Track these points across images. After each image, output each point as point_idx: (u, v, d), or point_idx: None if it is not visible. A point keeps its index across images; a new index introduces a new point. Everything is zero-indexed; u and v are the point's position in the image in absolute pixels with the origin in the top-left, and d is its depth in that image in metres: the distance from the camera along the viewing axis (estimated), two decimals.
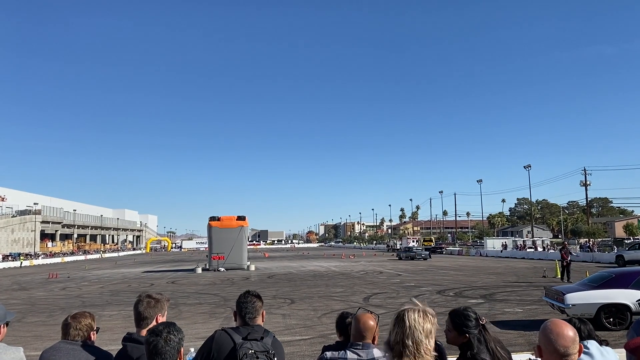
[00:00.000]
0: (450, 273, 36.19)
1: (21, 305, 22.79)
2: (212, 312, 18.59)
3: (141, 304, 3.27)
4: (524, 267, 41.27)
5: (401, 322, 2.14)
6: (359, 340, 3.23)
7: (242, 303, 3.39)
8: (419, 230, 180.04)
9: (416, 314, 2.16)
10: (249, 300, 3.40)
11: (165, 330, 2.61)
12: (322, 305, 19.45)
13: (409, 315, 2.15)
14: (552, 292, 14.46)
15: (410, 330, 2.11)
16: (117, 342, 3.43)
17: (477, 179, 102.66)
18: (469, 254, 75.34)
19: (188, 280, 35.79)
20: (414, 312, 2.16)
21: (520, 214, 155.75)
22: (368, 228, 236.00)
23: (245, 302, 3.39)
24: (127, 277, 41.81)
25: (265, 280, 33.44)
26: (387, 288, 26.00)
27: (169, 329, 2.63)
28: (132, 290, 29.30)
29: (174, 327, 2.66)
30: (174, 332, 2.63)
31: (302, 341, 12.58)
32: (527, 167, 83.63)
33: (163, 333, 2.59)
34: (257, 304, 3.41)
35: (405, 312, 2.17)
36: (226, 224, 46.96)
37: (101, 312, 18.82)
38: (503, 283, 27.58)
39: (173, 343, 2.59)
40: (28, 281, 40.17)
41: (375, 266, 47.47)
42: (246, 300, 3.40)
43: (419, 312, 2.17)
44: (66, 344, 3.33)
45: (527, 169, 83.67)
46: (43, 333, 15.03)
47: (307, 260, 66.88)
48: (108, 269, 57.63)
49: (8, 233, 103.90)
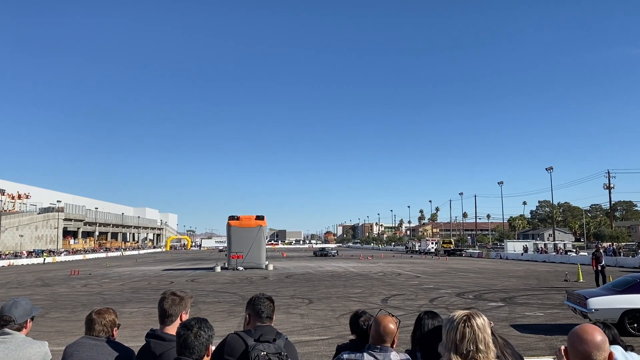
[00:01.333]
0: (469, 275, 35.86)
1: (44, 301, 23.19)
2: (230, 311, 18.70)
3: (166, 302, 3.30)
4: (545, 271, 40.70)
5: (469, 327, 2.15)
6: (378, 343, 3.19)
7: (255, 306, 3.36)
8: (438, 232, 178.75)
9: (480, 318, 2.20)
10: (262, 302, 3.37)
11: (196, 326, 2.68)
12: (340, 306, 19.43)
13: (477, 320, 2.18)
14: (574, 296, 14.21)
15: (482, 333, 2.15)
16: (138, 339, 3.47)
17: (498, 181, 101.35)
18: (489, 256, 74.55)
19: (207, 279, 36.06)
20: (478, 317, 2.20)
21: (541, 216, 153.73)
22: (386, 229, 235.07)
23: (258, 304, 3.36)
24: (147, 274, 42.27)
25: (283, 280, 33.51)
26: (406, 290, 25.86)
27: (200, 324, 2.71)
28: (152, 287, 29.60)
29: (205, 323, 2.74)
30: (204, 328, 2.71)
31: (320, 341, 12.57)
32: (549, 170, 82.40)
33: (194, 328, 2.67)
34: (270, 306, 3.39)
35: (471, 316, 2.18)
36: (245, 223, 47.22)
37: (122, 309, 19.04)
38: (524, 286, 27.23)
39: (202, 339, 2.67)
40: (51, 277, 40.87)
41: (394, 267, 47.26)
42: (259, 302, 3.37)
43: (478, 315, 2.21)
44: (89, 339, 3.37)
45: (549, 171, 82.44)
46: (66, 328, 15.26)
47: (325, 260, 66.88)
48: (129, 266, 58.36)
49: (32, 230, 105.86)
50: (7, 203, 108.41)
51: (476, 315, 2.19)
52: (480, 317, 2.19)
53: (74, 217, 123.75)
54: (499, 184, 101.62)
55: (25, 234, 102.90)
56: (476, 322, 2.16)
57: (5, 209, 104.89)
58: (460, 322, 2.17)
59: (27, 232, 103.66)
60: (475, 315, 2.19)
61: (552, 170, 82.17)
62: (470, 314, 2.19)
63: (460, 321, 2.17)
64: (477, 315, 2.20)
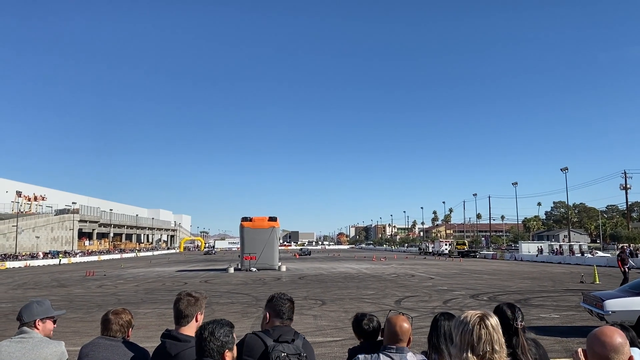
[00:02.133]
0: (484, 277, 35.60)
1: (60, 302, 23.44)
2: (244, 312, 18.76)
3: (182, 302, 3.31)
4: (560, 272, 40.28)
5: (484, 328, 2.14)
6: (393, 343, 3.16)
7: (276, 306, 3.33)
8: (452, 234, 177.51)
9: (494, 319, 2.19)
10: (284, 303, 3.34)
11: (217, 328, 2.70)
12: (353, 307, 19.40)
13: (491, 321, 2.17)
14: (590, 298, 14.04)
15: (497, 334, 2.15)
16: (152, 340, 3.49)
17: (513, 182, 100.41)
18: (503, 258, 73.97)
19: (220, 280, 36.21)
20: (491, 317, 2.19)
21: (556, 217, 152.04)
22: (399, 230, 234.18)
23: (279, 305, 3.33)
24: (161, 275, 42.56)
25: (296, 281, 33.54)
26: (419, 291, 25.74)
27: (220, 326, 2.72)
28: (167, 288, 29.79)
29: (227, 326, 2.75)
30: (225, 330, 2.72)
31: (333, 342, 12.55)
32: (564, 170, 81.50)
33: (215, 330, 2.68)
34: (291, 307, 3.38)
35: (484, 317, 2.17)
36: (258, 224, 47.34)
37: (136, 310, 19.18)
38: (539, 288, 26.97)
39: (222, 341, 2.68)
40: (66, 278, 41.32)
41: (407, 269, 47.08)
42: (279, 302, 3.35)
43: (491, 316, 2.20)
44: (104, 339, 3.40)
45: (564, 171, 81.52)
46: (81, 329, 15.41)
47: (337, 262, 66.84)
48: (143, 267, 58.81)
49: (48, 231, 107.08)
50: (24, 205, 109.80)
51: (489, 316, 2.19)
52: (493, 317, 2.19)
53: (89, 218, 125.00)
54: (513, 184, 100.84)
55: (42, 236, 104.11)
56: (490, 323, 2.15)
57: (22, 210, 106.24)
58: (475, 323, 2.15)
59: (43, 234, 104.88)
60: (488, 316, 2.19)
61: (567, 171, 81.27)
62: (483, 315, 2.18)
63: (475, 323, 2.15)
64: (489, 315, 2.19)
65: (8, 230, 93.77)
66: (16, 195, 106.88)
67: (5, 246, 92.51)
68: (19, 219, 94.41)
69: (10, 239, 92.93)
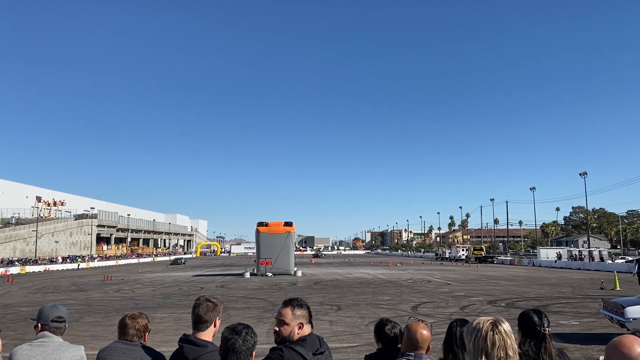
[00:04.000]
0: (501, 283, 35.22)
1: (79, 306, 23.71)
2: (260, 317, 18.78)
3: (201, 308, 3.32)
4: (579, 278, 39.69)
5: (498, 334, 2.13)
6: (411, 350, 3.13)
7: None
8: (469, 239, 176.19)
9: (506, 324, 2.18)
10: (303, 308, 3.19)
11: (244, 331, 2.74)
12: (369, 313, 19.31)
13: (504, 326, 2.15)
14: (610, 304, 13.80)
15: (510, 340, 2.13)
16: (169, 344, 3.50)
17: (531, 187, 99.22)
18: (521, 263, 73.11)
19: (237, 285, 36.32)
20: (504, 323, 2.18)
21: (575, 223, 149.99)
22: (416, 236, 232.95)
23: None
24: (178, 280, 42.82)
25: (312, 287, 33.50)
26: (436, 297, 25.54)
27: (247, 330, 2.77)
28: (183, 293, 29.95)
29: (252, 330, 2.80)
30: (251, 334, 2.77)
31: (350, 348, 12.51)
32: (583, 175, 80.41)
33: (242, 333, 2.73)
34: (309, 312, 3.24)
35: (497, 323, 2.16)
36: (274, 229, 47.43)
37: (153, 314, 19.30)
38: (557, 294, 26.60)
39: (249, 344, 2.73)
40: (85, 283, 41.77)
41: (424, 275, 46.76)
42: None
43: (503, 322, 2.19)
44: (122, 343, 3.42)
45: (583, 176, 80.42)
46: (99, 333, 15.54)
47: (353, 267, 66.63)
48: (160, 272, 59.24)
49: (67, 236, 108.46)
50: (43, 210, 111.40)
51: (501, 322, 2.16)
52: (505, 323, 2.17)
53: (107, 223, 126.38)
54: (532, 189, 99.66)
55: (61, 240, 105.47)
56: (503, 329, 2.13)
57: (42, 215, 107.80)
58: (489, 330, 2.13)
59: (62, 238, 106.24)
60: (501, 322, 2.16)
61: (587, 176, 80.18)
62: (495, 321, 2.16)
63: (488, 329, 2.13)
64: (502, 321, 2.17)
65: (28, 235, 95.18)
66: (36, 200, 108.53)
67: (25, 251, 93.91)
68: (39, 224, 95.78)
69: (30, 243, 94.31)
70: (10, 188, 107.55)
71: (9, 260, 78.73)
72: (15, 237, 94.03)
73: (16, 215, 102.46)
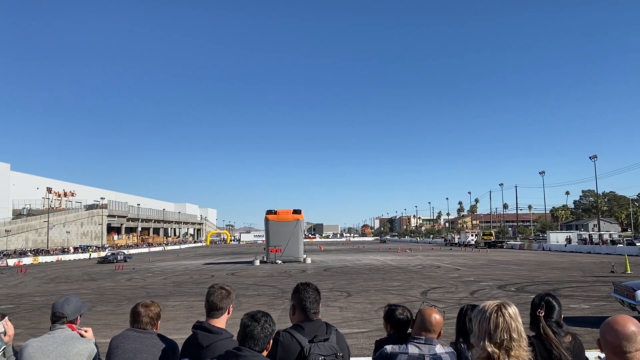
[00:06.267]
0: (511, 267, 35.18)
1: (91, 295, 23.98)
2: (270, 304, 18.90)
3: (216, 295, 3.37)
4: (590, 262, 39.55)
5: (502, 317, 2.16)
6: (422, 334, 3.14)
7: (304, 297, 3.16)
8: (478, 224, 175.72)
9: (512, 308, 2.21)
10: (311, 294, 3.19)
11: (263, 319, 2.78)
12: (378, 299, 19.38)
13: (509, 309, 2.19)
14: (621, 288, 13.76)
15: (515, 322, 2.16)
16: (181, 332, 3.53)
17: (540, 171, 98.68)
18: (530, 248, 72.94)
19: (247, 272, 36.55)
20: (510, 306, 2.21)
21: (585, 206, 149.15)
22: (424, 222, 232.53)
23: (307, 296, 3.17)
24: (188, 269, 43.14)
25: (321, 273, 33.64)
26: (445, 282, 25.57)
27: (266, 318, 2.80)
28: (194, 281, 30.18)
29: (270, 318, 2.83)
30: (270, 322, 2.80)
31: (360, 334, 12.58)
32: (592, 158, 79.77)
33: (261, 320, 2.76)
34: (318, 297, 3.22)
35: (502, 306, 2.18)
36: (283, 217, 47.60)
37: (165, 303, 19.49)
38: (568, 278, 26.54)
39: (267, 332, 2.76)
40: (97, 272, 42.20)
41: (433, 260, 46.79)
42: (307, 294, 3.18)
43: (509, 305, 2.22)
44: (134, 331, 3.46)
45: (592, 159, 79.79)
46: (112, 321, 15.73)
47: (362, 253, 66.78)
48: (170, 261, 59.69)
49: (78, 226, 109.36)
50: (54, 201, 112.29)
51: (507, 305, 2.20)
52: (512, 307, 2.20)
53: (117, 213, 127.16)
54: (541, 174, 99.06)
55: (72, 231, 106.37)
56: (508, 312, 2.16)
57: (53, 206, 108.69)
58: (493, 312, 2.17)
59: (73, 229, 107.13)
60: (507, 305, 2.20)
61: (597, 159, 79.54)
62: (501, 304, 2.20)
63: (493, 311, 2.17)
64: (508, 305, 2.21)
65: (40, 226, 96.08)
66: (47, 191, 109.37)
67: (38, 241, 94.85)
68: (50, 215, 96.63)
69: (42, 234, 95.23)
70: (22, 180, 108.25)
71: (21, 251, 79.63)
72: (27, 228, 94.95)
73: (28, 207, 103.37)
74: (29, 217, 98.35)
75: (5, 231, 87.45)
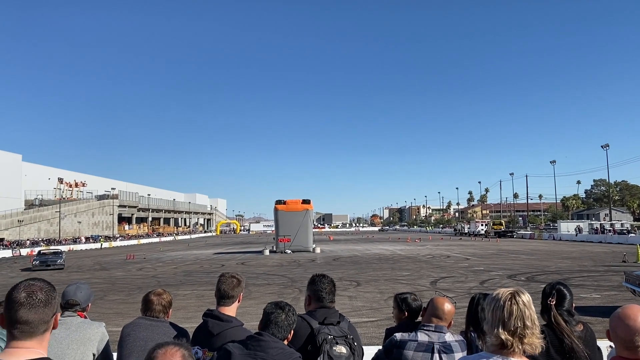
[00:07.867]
0: (521, 257, 35.06)
1: (103, 284, 24.24)
2: (280, 293, 18.99)
3: (227, 284, 3.40)
4: (601, 252, 39.32)
5: (515, 304, 2.15)
6: (432, 321, 3.16)
7: (320, 288, 3.28)
8: (488, 214, 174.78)
9: (526, 295, 2.19)
10: (326, 284, 3.31)
11: (287, 307, 2.83)
12: (388, 288, 19.40)
13: (523, 297, 2.17)
14: (633, 277, 13.67)
15: (529, 310, 2.15)
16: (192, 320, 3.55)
17: (551, 160, 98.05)
18: (541, 237, 72.62)
19: (256, 262, 36.73)
20: (523, 294, 2.19)
21: (596, 196, 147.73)
22: (434, 212, 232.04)
23: (322, 287, 3.29)
24: (199, 258, 43.42)
25: (330, 263, 33.73)
26: (455, 272, 25.54)
27: (289, 307, 2.86)
28: (204, 271, 30.38)
29: (293, 308, 2.89)
30: (293, 312, 2.85)
31: (369, 323, 12.62)
32: (604, 147, 78.99)
33: (285, 309, 2.82)
34: (332, 288, 3.33)
35: (516, 294, 2.17)
36: (292, 207, 47.75)
37: (175, 292, 19.63)
38: (578, 268, 26.42)
39: (290, 320, 2.81)
40: (108, 262, 42.59)
41: (442, 250, 46.74)
42: (323, 285, 3.30)
43: (523, 293, 2.20)
44: (145, 319, 3.49)
45: (604, 148, 79.02)
46: (123, 310, 15.90)
47: (372, 243, 66.81)
48: (181, 250, 60.11)
49: (89, 216, 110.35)
50: (66, 191, 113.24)
51: (521, 293, 2.18)
52: (525, 294, 2.18)
53: (128, 203, 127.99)
54: (552, 163, 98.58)
55: (83, 221, 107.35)
56: (522, 299, 2.15)
57: (64, 197, 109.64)
58: (507, 300, 2.15)
59: (84, 219, 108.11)
60: (520, 293, 2.18)
61: (608, 148, 78.78)
62: (515, 292, 2.18)
63: (506, 299, 2.15)
64: (521, 292, 2.19)
65: (52, 216, 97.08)
66: (58, 182, 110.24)
67: (50, 231, 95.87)
68: (62, 205, 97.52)
69: (54, 224, 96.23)
70: (33, 170, 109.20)
71: (34, 241, 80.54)
72: (40, 219, 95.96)
73: (40, 197, 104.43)
74: (41, 208, 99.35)
75: (18, 221, 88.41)
